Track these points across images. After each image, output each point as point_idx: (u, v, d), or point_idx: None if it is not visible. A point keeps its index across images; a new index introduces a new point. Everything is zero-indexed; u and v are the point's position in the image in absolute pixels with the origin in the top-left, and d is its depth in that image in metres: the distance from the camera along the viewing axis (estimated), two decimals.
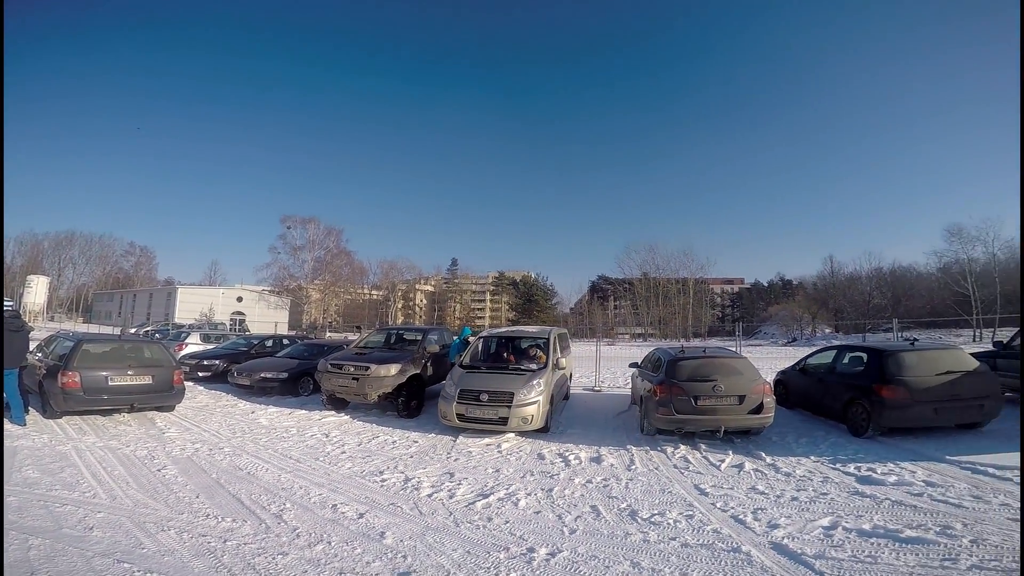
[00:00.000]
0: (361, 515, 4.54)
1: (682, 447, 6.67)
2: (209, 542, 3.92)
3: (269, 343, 15.01)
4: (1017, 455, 5.68)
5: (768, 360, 17.70)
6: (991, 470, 5.35)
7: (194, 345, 17.38)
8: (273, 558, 3.67)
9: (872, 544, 3.79)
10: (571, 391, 11.11)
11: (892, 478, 5.26)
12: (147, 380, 8.14)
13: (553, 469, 5.92)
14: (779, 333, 47.53)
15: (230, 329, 34.88)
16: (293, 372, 11.10)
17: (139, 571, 3.41)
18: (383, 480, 5.55)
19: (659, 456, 6.36)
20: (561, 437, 7.43)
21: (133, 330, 30.24)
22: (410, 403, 8.94)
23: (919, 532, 3.95)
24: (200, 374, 12.85)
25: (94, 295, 70.23)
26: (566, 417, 8.86)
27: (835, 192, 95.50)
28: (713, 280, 67.40)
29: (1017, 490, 4.79)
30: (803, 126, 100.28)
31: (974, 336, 31.71)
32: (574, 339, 17.25)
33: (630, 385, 10.70)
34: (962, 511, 4.38)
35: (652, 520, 4.36)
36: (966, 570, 3.34)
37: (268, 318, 42.62)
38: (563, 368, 8.89)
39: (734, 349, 11.21)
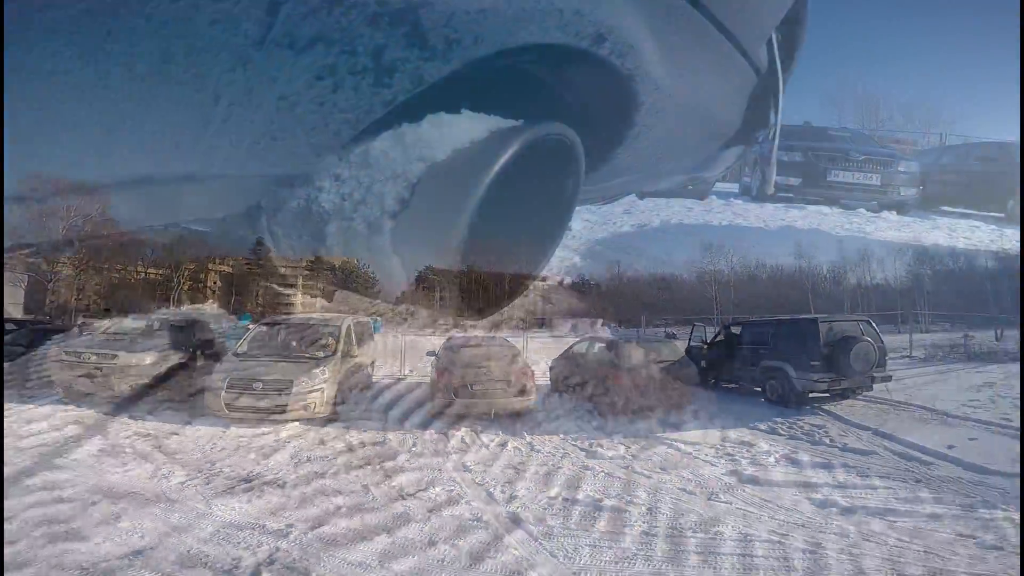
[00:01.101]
0: (93, 504, 4.09)
1: (462, 428, 7.18)
2: None
3: None
4: (699, 432, 7.17)
5: (563, 349, 20.06)
6: (681, 446, 6.58)
7: None
8: None
9: (579, 512, 4.46)
10: (375, 380, 11.09)
11: (610, 453, 6.23)
12: None
13: (333, 454, 5.93)
14: (578, 326, 54.62)
15: None
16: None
17: None
18: (126, 471, 4.99)
19: (440, 437, 6.83)
20: (351, 424, 7.40)
21: None
22: (174, 395, 7.98)
23: (615, 501, 4.60)
24: None
25: None
26: (362, 405, 8.74)
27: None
28: (527, 277, 73.55)
29: (693, 463, 5.85)
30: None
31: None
32: (397, 328, 17.17)
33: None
34: (650, 482, 5.16)
35: (417, 496, 4.69)
36: (637, 535, 4.06)
37: None
38: (357, 357, 8.87)
39: (527, 338, 12.43)
